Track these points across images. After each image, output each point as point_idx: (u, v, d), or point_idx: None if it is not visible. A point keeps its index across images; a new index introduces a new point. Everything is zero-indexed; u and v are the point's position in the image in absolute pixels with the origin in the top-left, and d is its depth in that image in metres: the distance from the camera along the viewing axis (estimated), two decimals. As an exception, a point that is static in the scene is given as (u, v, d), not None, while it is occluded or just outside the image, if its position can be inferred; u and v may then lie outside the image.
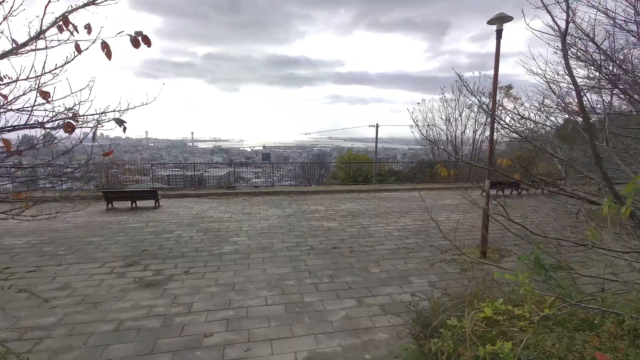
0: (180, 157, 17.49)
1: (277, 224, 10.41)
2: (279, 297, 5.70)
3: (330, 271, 6.82)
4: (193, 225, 10.13)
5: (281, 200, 13.98)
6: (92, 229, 9.65)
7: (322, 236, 9.15)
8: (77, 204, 13.23)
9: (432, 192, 16.35)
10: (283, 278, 6.48)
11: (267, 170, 22.77)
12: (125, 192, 12.31)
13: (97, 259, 7.40)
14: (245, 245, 8.33)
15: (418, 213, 11.91)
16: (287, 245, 8.42)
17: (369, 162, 21.75)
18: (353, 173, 19.98)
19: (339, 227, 10.02)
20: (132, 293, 5.83)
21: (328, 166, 24.04)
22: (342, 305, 5.47)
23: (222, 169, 21.60)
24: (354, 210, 12.22)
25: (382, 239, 8.91)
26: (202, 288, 6.02)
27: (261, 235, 9.22)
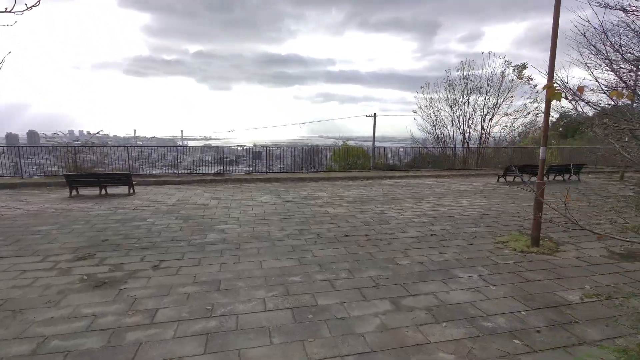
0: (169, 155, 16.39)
1: (274, 210, 8.75)
2: (282, 300, 4.07)
3: (347, 264, 5.21)
4: (171, 212, 8.40)
5: (277, 187, 12.31)
6: (45, 217, 7.85)
7: (329, 223, 7.53)
8: (34, 190, 11.37)
9: (443, 179, 14.86)
10: (285, 273, 4.84)
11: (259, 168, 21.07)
12: (92, 176, 10.47)
13: (38, 251, 5.64)
14: (234, 234, 6.66)
15: (436, 198, 10.39)
16: (288, 233, 6.78)
17: (366, 156, 20.31)
18: (349, 166, 18.47)
19: (347, 214, 8.41)
20: (74, 296, 4.12)
21: (323, 159, 22.48)
22: (373, 309, 3.86)
23: (212, 167, 19.97)
24: (361, 196, 10.62)
25: (402, 226, 7.33)
26: (175, 288, 4.35)
27: (255, 222, 7.55)
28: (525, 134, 27.08)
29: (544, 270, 4.99)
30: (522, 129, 22.21)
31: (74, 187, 10.15)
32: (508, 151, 20.13)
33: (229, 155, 19.15)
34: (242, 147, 23.48)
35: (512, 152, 19.76)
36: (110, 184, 10.41)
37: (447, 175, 15.95)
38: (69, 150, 12.78)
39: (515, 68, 17.69)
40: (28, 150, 13.64)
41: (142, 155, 18.87)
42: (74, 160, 12.85)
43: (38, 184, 11.68)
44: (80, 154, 13.01)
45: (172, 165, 15.13)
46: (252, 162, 21.15)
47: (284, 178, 13.89)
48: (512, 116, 18.84)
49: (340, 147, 23.52)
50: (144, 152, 18.98)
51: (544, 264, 5.25)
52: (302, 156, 18.66)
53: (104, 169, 14.08)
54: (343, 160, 20.03)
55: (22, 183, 11.62)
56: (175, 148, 14.87)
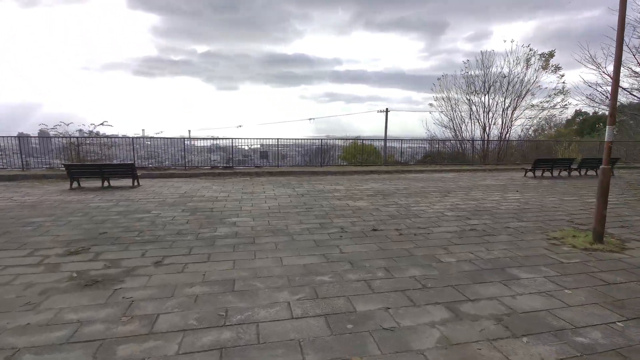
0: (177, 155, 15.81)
1: (289, 203, 7.99)
2: (311, 304, 3.30)
3: (382, 261, 4.42)
4: (177, 204, 7.69)
5: (289, 181, 11.55)
6: (41, 208, 7.19)
7: (352, 216, 6.74)
8: (34, 182, 10.78)
9: (464, 174, 13.97)
10: (311, 272, 4.07)
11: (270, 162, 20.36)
12: (93, 167, 9.80)
13: (27, 244, 4.95)
14: (248, 228, 5.91)
15: (463, 192, 9.53)
16: (308, 227, 6.01)
17: (377, 153, 19.51)
18: (360, 163, 17.64)
19: (371, 207, 7.61)
20: (59, 297, 3.40)
21: (333, 156, 21.70)
22: (427, 317, 3.07)
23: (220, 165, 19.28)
24: (381, 190, 9.81)
25: (434, 220, 6.51)
26: (180, 288, 3.61)
27: (270, 215, 6.80)
28: (541, 131, 25.98)
29: (621, 271, 4.14)
30: (537, 126, 21.18)
31: (74, 178, 9.51)
32: (528, 146, 19.14)
33: (236, 154, 18.29)
34: (249, 147, 22.66)
35: (536, 147, 18.79)
36: (112, 175, 9.75)
37: (468, 169, 15.04)
38: (71, 142, 12.17)
39: (542, 56, 16.69)
40: (37, 148, 13.14)
41: (151, 155, 18.13)
42: (77, 152, 12.24)
43: (38, 176, 11.09)
44: (84, 145, 12.39)
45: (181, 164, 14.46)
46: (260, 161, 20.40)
47: (296, 172, 13.14)
48: (538, 107, 17.79)
49: (350, 144, 22.72)
50: (152, 151, 18.26)
51: (618, 263, 4.40)
52: (310, 154, 17.93)
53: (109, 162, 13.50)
54: (353, 157, 19.27)
55: (23, 175, 11.04)
56: (182, 141, 14.16)
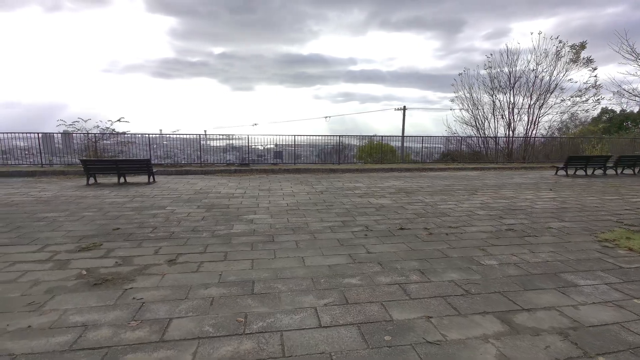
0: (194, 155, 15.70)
1: (308, 200, 7.63)
2: (340, 310, 2.91)
3: (414, 262, 3.99)
4: (193, 201, 7.44)
5: (307, 178, 11.21)
6: (56, 204, 7.05)
7: (375, 214, 6.33)
8: (52, 178, 10.78)
9: (490, 172, 13.31)
10: (337, 273, 3.68)
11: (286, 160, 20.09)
12: (110, 162, 9.70)
13: (38, 239, 4.75)
14: (266, 225, 5.57)
15: (491, 190, 8.97)
16: (330, 225, 5.62)
17: (393, 152, 19.00)
18: (379, 161, 17.13)
19: (394, 205, 7.17)
20: (65, 297, 3.13)
21: (349, 155, 21.26)
22: (477, 330, 2.64)
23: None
24: (404, 188, 9.34)
25: (465, 219, 6.03)
26: (195, 289, 3.28)
27: (288, 212, 6.45)
28: (565, 130, 24.89)
29: (696, 279, 3.59)
30: (561, 124, 20.16)
31: (91, 174, 9.41)
32: (551, 144, 18.21)
33: (250, 154, 17.93)
34: (263, 147, 22.31)
35: (560, 146, 17.86)
36: (128, 171, 9.62)
37: (492, 167, 14.36)
38: (88, 138, 12.17)
39: (572, 48, 15.78)
40: (60, 148, 13.25)
41: (167, 154, 18.07)
42: (95, 148, 12.23)
43: (57, 172, 11.10)
44: (101, 142, 12.37)
45: (197, 162, 14.31)
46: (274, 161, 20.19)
47: (313, 169, 12.78)
48: (569, 102, 16.85)
49: (366, 143, 22.21)
50: (169, 151, 18.19)
51: (689, 269, 3.84)
52: (326, 152, 17.55)
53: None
54: (369, 156, 18.80)
55: (41, 171, 11.07)
56: (199, 138, 14.01)
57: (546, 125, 18.12)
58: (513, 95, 17.25)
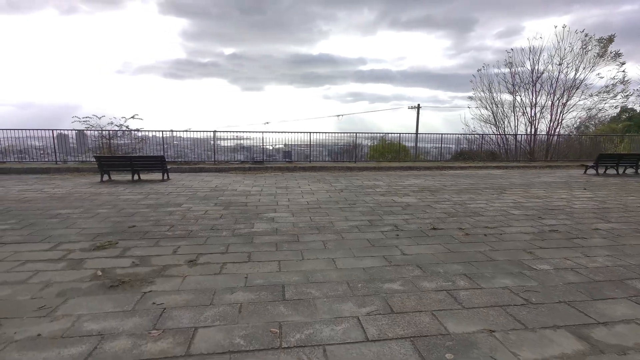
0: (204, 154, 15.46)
1: (329, 198, 7.28)
2: (387, 321, 2.55)
3: (457, 266, 3.61)
4: (209, 198, 7.16)
5: (323, 176, 10.86)
6: (70, 200, 6.85)
7: (402, 213, 5.94)
8: (66, 175, 10.66)
9: (513, 171, 12.76)
10: (374, 277, 3.33)
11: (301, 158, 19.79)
12: (123, 158, 9.51)
13: (51, 237, 4.50)
14: (288, 224, 5.24)
15: (520, 189, 8.49)
16: (356, 224, 5.26)
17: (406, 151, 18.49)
18: (397, 159, 16.66)
19: (421, 203, 6.77)
20: (79, 301, 2.84)
21: (360, 154, 20.83)
22: (554, 348, 2.25)
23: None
24: (427, 186, 8.92)
25: (501, 219, 5.60)
26: (220, 294, 2.96)
27: (310, 211, 6.11)
28: (584, 129, 24.05)
29: None
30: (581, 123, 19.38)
31: (105, 171, 9.24)
32: (571, 143, 17.50)
33: (260, 155, 17.69)
34: (272, 147, 21.93)
35: (579, 145, 17.14)
36: (142, 167, 9.41)
37: (515, 166, 13.79)
38: (102, 134, 12.06)
39: (600, 42, 15.08)
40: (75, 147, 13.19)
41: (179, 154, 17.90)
42: (109, 145, 12.11)
43: (71, 169, 10.99)
44: (115, 139, 12.25)
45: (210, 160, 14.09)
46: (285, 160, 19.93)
47: (329, 167, 12.43)
48: (595, 97, 16.12)
49: (378, 142, 21.75)
50: (180, 150, 18.03)
51: None
52: (339, 151, 17.18)
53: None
54: (381, 155, 18.37)
55: (55, 168, 10.97)
56: (213, 134, 13.76)
57: (570, 123, 17.42)
58: (535, 91, 16.62)
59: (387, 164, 13.58)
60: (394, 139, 23.05)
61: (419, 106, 27.84)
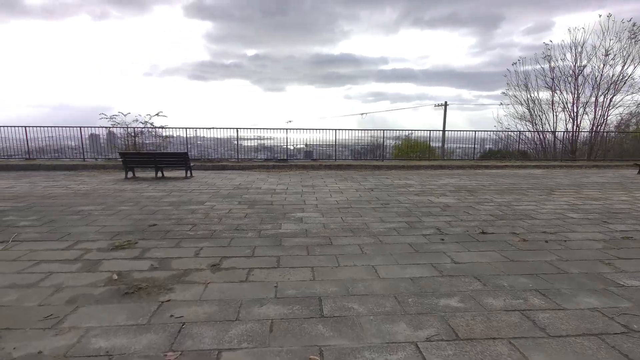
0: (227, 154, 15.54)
1: (359, 197, 6.79)
2: (454, 351, 2.04)
3: (524, 279, 3.04)
4: (233, 196, 6.83)
5: (350, 174, 10.36)
6: (93, 197, 6.70)
7: (443, 215, 5.37)
8: (92, 172, 10.68)
9: (555, 170, 11.79)
10: (426, 290, 2.82)
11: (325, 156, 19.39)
12: (148, 155, 9.38)
13: (70, 235, 4.26)
14: (318, 225, 4.80)
15: (571, 190, 7.68)
16: (393, 226, 4.75)
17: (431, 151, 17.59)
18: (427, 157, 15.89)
19: (461, 204, 6.16)
20: (89, 310, 2.50)
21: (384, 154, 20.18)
22: (691, 399, 1.68)
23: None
24: (463, 186, 8.26)
25: (559, 223, 4.93)
26: (247, 307, 2.55)
27: (340, 211, 5.64)
28: (624, 126, 22.30)
29: None
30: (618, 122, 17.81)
31: (129, 168, 9.14)
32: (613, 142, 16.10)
33: (281, 154, 17.44)
34: (294, 147, 21.52)
35: (620, 144, 15.79)
36: (166, 164, 9.26)
37: (557, 165, 12.77)
38: (128, 132, 12.07)
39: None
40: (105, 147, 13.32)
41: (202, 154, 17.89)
42: (134, 143, 12.12)
43: (97, 166, 11.03)
44: (140, 137, 12.25)
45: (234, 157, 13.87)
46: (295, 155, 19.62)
47: (356, 165, 11.92)
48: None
49: (402, 142, 20.95)
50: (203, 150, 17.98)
51: None
52: (360, 150, 16.65)
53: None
54: (406, 154, 17.64)
55: (83, 165, 11.05)
56: (235, 134, 13.53)
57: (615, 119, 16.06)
58: (577, 86, 15.41)
59: (417, 162, 12.91)
60: (419, 137, 22.17)
61: (446, 104, 26.80)
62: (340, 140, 15.42)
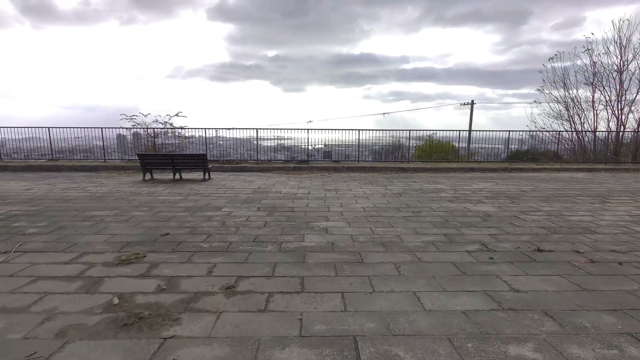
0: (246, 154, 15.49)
1: (387, 204, 6.23)
2: None
3: (610, 317, 2.43)
4: (251, 201, 6.42)
5: (375, 177, 9.79)
6: (109, 200, 6.45)
7: (485, 226, 4.74)
8: (112, 173, 10.57)
9: (601, 174, 10.79)
10: (487, 331, 2.26)
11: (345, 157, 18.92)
12: (165, 156, 9.14)
13: (76, 245, 3.94)
14: (345, 237, 4.29)
15: (628, 197, 6.83)
16: (430, 239, 4.17)
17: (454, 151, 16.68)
18: (456, 160, 15.04)
19: (503, 213, 5.50)
20: (80, 347, 2.09)
21: (406, 155, 19.39)
22: None
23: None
24: (501, 191, 7.54)
25: (628, 240, 4.21)
26: (266, 347, 2.07)
27: (368, 220, 5.11)
28: None
29: None
30: None
31: (148, 169, 8.93)
32: None
33: (299, 154, 17.08)
34: (312, 147, 21.04)
35: None
36: (183, 165, 8.99)
37: (603, 168, 11.71)
38: (148, 133, 11.96)
39: None
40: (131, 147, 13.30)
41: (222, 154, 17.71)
42: (153, 144, 12.00)
43: (117, 167, 10.93)
44: (159, 137, 12.11)
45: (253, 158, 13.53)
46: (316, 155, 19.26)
47: (379, 167, 11.31)
48: None
49: (425, 142, 20.04)
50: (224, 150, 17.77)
51: None
52: (380, 150, 16.05)
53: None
54: (428, 155, 16.81)
55: (103, 166, 10.98)
56: (255, 134, 13.20)
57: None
58: (621, 82, 14.19)
59: (445, 164, 12.15)
60: (443, 137, 21.17)
61: (473, 102, 25.66)
62: (361, 141, 14.89)
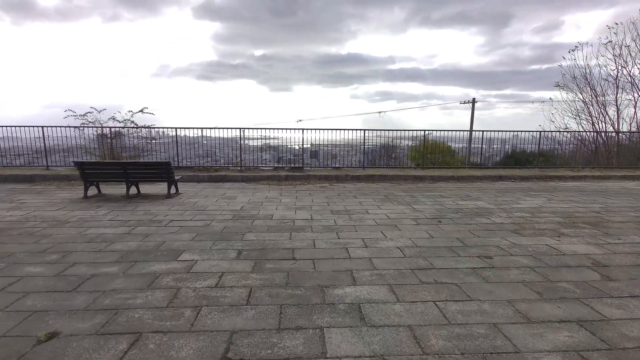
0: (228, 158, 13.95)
1: (431, 240, 4.21)
2: None
3: None
4: (230, 236, 4.31)
5: (389, 190, 7.79)
6: (10, 235, 4.22)
7: (613, 290, 2.80)
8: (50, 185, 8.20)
9: (650, 183, 9.12)
10: None
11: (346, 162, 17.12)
12: (115, 165, 6.83)
13: None
14: (402, 330, 2.24)
15: None
16: (555, 339, 2.19)
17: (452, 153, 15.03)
18: (470, 165, 13.28)
19: (617, 259, 3.57)
20: None
21: (399, 155, 17.63)
22: None
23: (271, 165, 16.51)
24: (569, 213, 5.65)
25: None
26: None
27: (419, 277, 3.07)
28: None
29: None
30: None
31: (91, 182, 6.66)
32: None
33: (286, 154, 15.50)
34: (299, 146, 19.06)
35: None
36: (140, 177, 6.73)
37: (645, 176, 10.08)
38: (103, 133, 9.59)
39: None
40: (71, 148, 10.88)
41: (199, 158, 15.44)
42: (110, 147, 9.66)
43: (60, 177, 8.59)
44: (119, 138, 9.77)
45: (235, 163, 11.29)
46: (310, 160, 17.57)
47: (390, 175, 9.31)
48: None
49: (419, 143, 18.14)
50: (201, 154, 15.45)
51: None
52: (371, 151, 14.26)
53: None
54: (421, 157, 15.04)
55: (42, 175, 8.62)
56: (241, 132, 10.90)
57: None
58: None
59: (467, 172, 10.26)
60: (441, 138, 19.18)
61: (474, 100, 24.11)
62: (359, 141, 12.87)
